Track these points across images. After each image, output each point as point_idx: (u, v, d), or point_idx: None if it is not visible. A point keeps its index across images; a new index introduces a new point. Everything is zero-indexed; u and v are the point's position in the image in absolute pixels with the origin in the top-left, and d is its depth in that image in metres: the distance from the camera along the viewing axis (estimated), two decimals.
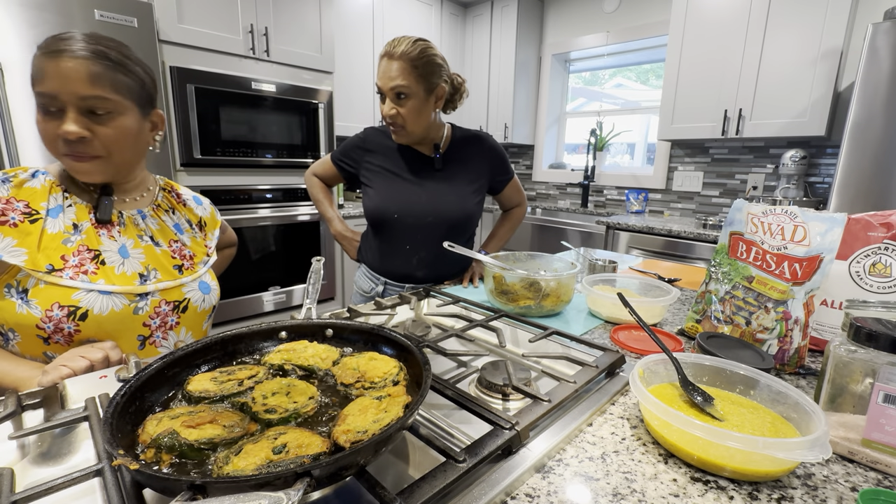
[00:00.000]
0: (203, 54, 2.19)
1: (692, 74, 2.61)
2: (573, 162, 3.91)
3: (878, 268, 0.72)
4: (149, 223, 0.84)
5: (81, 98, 0.68)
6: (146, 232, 0.83)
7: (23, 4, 1.65)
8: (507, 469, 0.47)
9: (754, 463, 0.46)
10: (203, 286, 0.88)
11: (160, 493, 0.38)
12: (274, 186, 2.54)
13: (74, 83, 0.67)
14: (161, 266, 0.82)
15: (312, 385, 0.55)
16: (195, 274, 0.87)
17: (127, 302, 0.75)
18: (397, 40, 1.06)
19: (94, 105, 0.69)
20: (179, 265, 0.85)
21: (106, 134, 0.72)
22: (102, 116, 0.71)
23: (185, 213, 0.93)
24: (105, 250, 0.76)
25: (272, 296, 2.63)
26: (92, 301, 0.72)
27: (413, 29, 3.36)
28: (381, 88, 1.09)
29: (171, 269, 0.83)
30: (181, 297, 0.83)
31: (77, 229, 0.74)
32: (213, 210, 1.01)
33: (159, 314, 0.80)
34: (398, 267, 1.25)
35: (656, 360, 0.62)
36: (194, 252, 0.90)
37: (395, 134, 1.16)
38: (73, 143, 0.69)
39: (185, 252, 0.88)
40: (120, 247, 0.77)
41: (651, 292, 1.04)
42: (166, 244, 0.85)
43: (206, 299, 0.88)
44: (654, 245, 2.57)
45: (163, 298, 0.80)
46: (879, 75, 1.84)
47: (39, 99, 0.68)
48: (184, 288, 0.84)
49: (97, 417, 0.51)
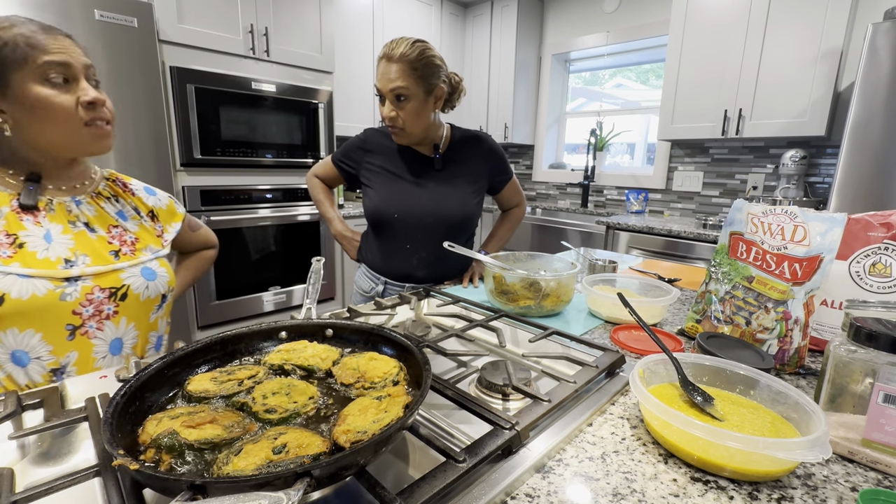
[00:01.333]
0: (203, 54, 2.19)
1: (692, 74, 2.61)
2: (573, 162, 3.91)
3: (878, 268, 0.72)
4: (84, 209, 0.81)
5: (86, 66, 0.72)
6: (80, 218, 0.79)
7: (23, 4, 1.65)
8: (507, 469, 0.47)
9: (754, 463, 0.46)
10: (146, 272, 0.83)
11: (160, 493, 0.38)
12: (274, 186, 2.54)
13: (79, 55, 0.71)
14: (93, 251, 0.78)
15: (312, 385, 0.55)
16: (135, 259, 0.82)
17: (52, 287, 0.71)
18: (396, 42, 1.06)
19: (93, 73, 0.74)
20: (116, 250, 0.81)
21: (107, 102, 0.76)
22: (98, 86, 0.75)
23: (132, 200, 0.90)
24: (28, 235, 0.73)
25: (272, 296, 2.63)
26: (9, 285, 0.68)
27: (413, 29, 3.36)
28: (381, 90, 1.09)
29: (106, 255, 0.79)
30: (118, 284, 0.78)
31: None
32: (173, 203, 0.98)
33: (92, 302, 0.75)
34: (398, 267, 1.25)
35: (656, 360, 0.62)
36: (139, 238, 0.86)
37: (395, 135, 1.16)
38: (97, 109, 0.72)
39: (127, 237, 0.84)
40: (45, 233, 0.74)
41: (651, 292, 1.04)
42: (104, 230, 0.81)
43: (151, 286, 0.83)
44: (654, 245, 2.57)
45: (96, 285, 0.76)
46: (879, 75, 1.84)
47: (50, 69, 0.68)
48: (121, 274, 0.79)
49: (97, 417, 0.51)
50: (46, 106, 0.69)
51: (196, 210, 2.26)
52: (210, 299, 2.39)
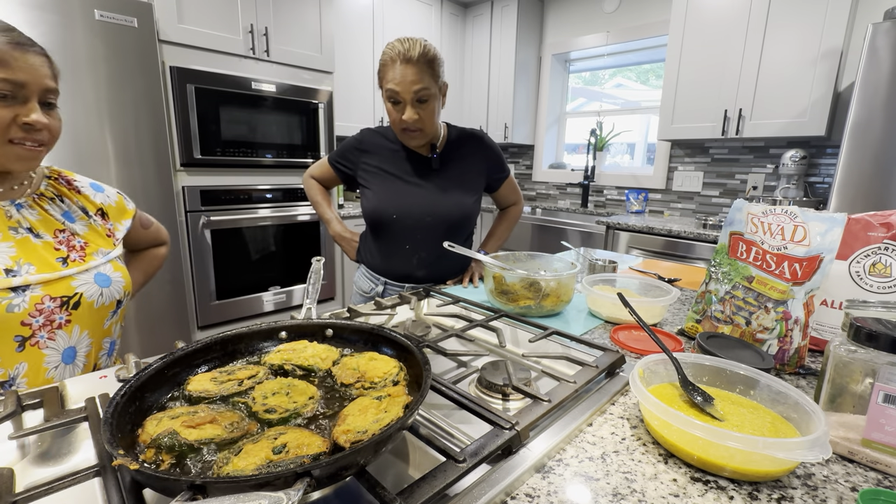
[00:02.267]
0: (203, 54, 2.19)
1: (692, 74, 2.61)
2: (573, 162, 3.91)
3: (878, 268, 0.72)
4: (25, 214, 0.77)
5: (46, 90, 0.72)
6: (22, 223, 0.76)
7: (23, 4, 1.65)
8: (507, 469, 0.47)
9: (754, 463, 0.46)
10: (100, 278, 0.79)
11: (160, 493, 0.38)
12: (274, 186, 2.54)
13: (42, 77, 0.71)
14: (38, 259, 0.74)
15: (312, 385, 0.55)
16: (84, 265, 0.79)
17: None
18: (409, 43, 1.03)
19: (50, 98, 0.73)
20: (64, 257, 0.77)
21: (54, 125, 0.75)
22: (51, 109, 0.75)
23: (78, 199, 0.86)
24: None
25: (272, 296, 2.63)
26: None
27: (413, 29, 3.36)
28: (400, 94, 1.05)
29: (53, 262, 0.75)
30: (70, 292, 0.75)
31: None
32: (122, 199, 0.94)
33: (42, 312, 0.72)
34: (398, 267, 1.25)
35: (656, 360, 0.62)
36: (88, 241, 0.82)
37: (412, 138, 1.14)
38: (33, 131, 0.71)
39: (75, 242, 0.80)
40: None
41: (651, 292, 1.04)
42: (50, 235, 0.78)
43: (106, 293, 0.80)
44: (654, 245, 2.57)
45: (46, 294, 0.73)
46: (879, 75, 1.84)
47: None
48: (73, 281, 0.76)
49: (97, 417, 0.51)
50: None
51: (196, 210, 2.26)
52: (210, 299, 2.39)
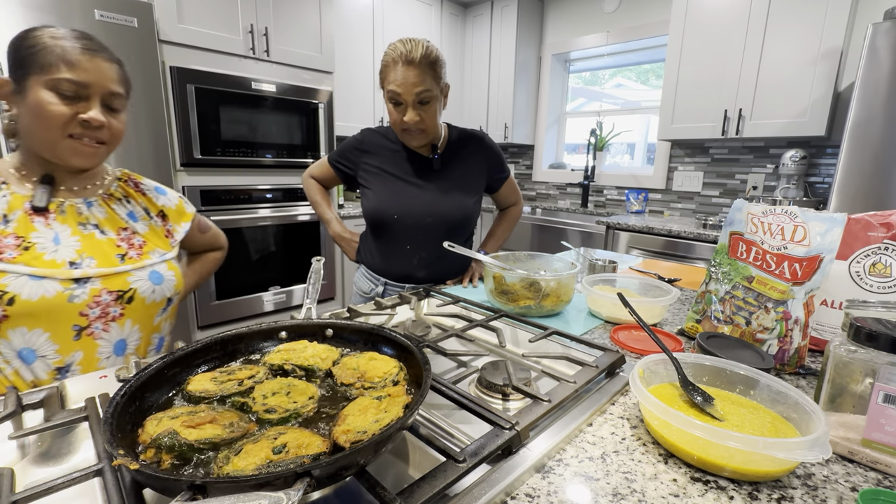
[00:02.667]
0: (203, 54, 2.19)
1: (692, 74, 2.61)
2: (573, 162, 3.91)
3: (878, 268, 0.72)
4: (94, 211, 0.83)
5: (109, 93, 0.77)
6: (90, 220, 0.82)
7: (23, 4, 1.65)
8: (507, 469, 0.47)
9: (754, 463, 0.46)
10: (154, 276, 0.84)
11: (160, 493, 0.38)
12: (274, 186, 2.54)
13: (107, 80, 0.76)
14: (100, 254, 0.79)
15: (312, 385, 0.55)
16: (140, 263, 0.83)
17: (60, 289, 0.73)
18: (411, 44, 1.03)
19: (113, 101, 0.78)
20: (123, 254, 0.82)
21: (116, 126, 0.80)
22: (114, 112, 0.80)
23: (142, 201, 0.92)
24: (37, 237, 0.75)
25: (272, 296, 2.63)
26: (20, 286, 0.70)
27: (413, 29, 3.36)
28: (402, 96, 1.05)
29: (112, 258, 0.80)
30: (126, 287, 0.80)
31: (6, 220, 0.74)
32: (182, 203, 1.00)
33: (99, 304, 0.77)
34: (398, 268, 1.25)
35: (656, 360, 0.62)
36: (147, 240, 0.88)
37: (413, 139, 1.14)
38: (91, 128, 0.76)
39: (135, 240, 0.85)
40: (54, 235, 0.77)
41: (651, 292, 1.04)
42: (113, 232, 0.83)
43: (158, 290, 0.84)
44: (654, 245, 2.57)
45: (104, 287, 0.78)
46: (879, 75, 1.84)
47: (62, 84, 0.72)
48: (129, 277, 0.81)
49: (97, 417, 0.51)
50: (40, 109, 0.72)
51: (196, 210, 2.26)
52: (210, 299, 2.39)
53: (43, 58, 0.72)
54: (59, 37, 0.73)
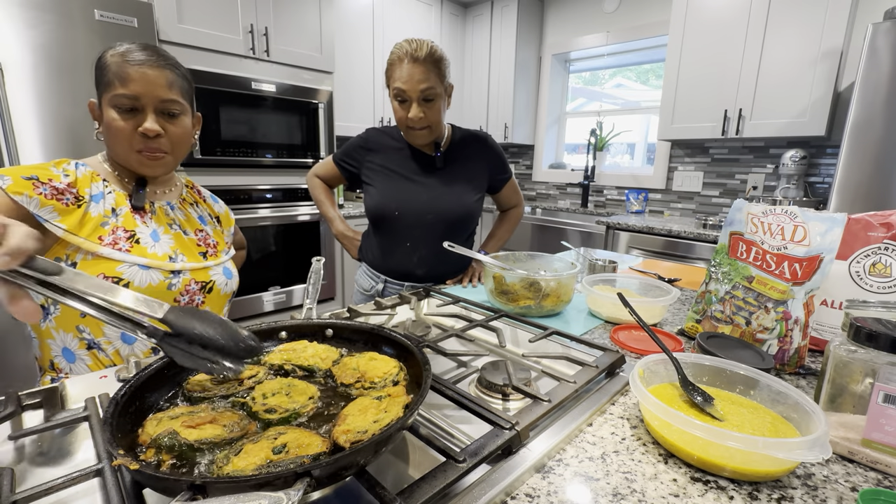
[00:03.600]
0: (203, 54, 2.19)
1: (692, 74, 2.61)
2: (573, 162, 3.91)
3: (878, 268, 0.72)
4: (177, 214, 0.92)
5: (161, 101, 0.80)
6: (175, 221, 0.91)
7: (23, 5, 1.64)
8: (507, 469, 0.47)
9: (754, 463, 0.46)
10: (226, 272, 0.95)
11: (160, 493, 0.38)
12: (274, 186, 2.54)
13: (157, 88, 0.79)
14: (188, 251, 0.89)
15: (312, 385, 0.55)
16: (218, 259, 0.94)
17: (162, 278, 0.82)
18: (417, 43, 1.06)
19: (169, 107, 0.81)
20: (204, 252, 0.92)
21: (175, 132, 0.83)
22: (172, 118, 0.82)
23: (205, 207, 1.02)
24: (140, 232, 0.83)
25: (272, 296, 2.62)
26: (133, 274, 0.78)
27: (413, 29, 3.36)
28: (407, 93, 1.08)
29: (197, 255, 0.90)
30: (208, 279, 0.89)
31: (115, 213, 0.82)
32: (227, 210, 1.10)
33: (189, 292, 0.86)
34: (398, 264, 1.25)
35: (656, 360, 0.62)
36: (217, 241, 0.98)
37: (418, 136, 1.16)
38: (150, 139, 0.80)
39: (210, 241, 0.96)
40: (151, 231, 0.85)
41: (651, 292, 1.04)
42: (193, 233, 0.93)
43: (229, 284, 0.95)
44: (654, 245, 2.57)
45: (192, 278, 0.87)
46: (879, 75, 1.84)
47: (118, 100, 0.77)
48: (210, 271, 0.91)
49: (97, 417, 0.51)
50: (109, 126, 0.79)
51: None
52: None
53: (105, 77, 0.77)
54: (118, 53, 0.78)
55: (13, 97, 1.65)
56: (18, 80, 1.66)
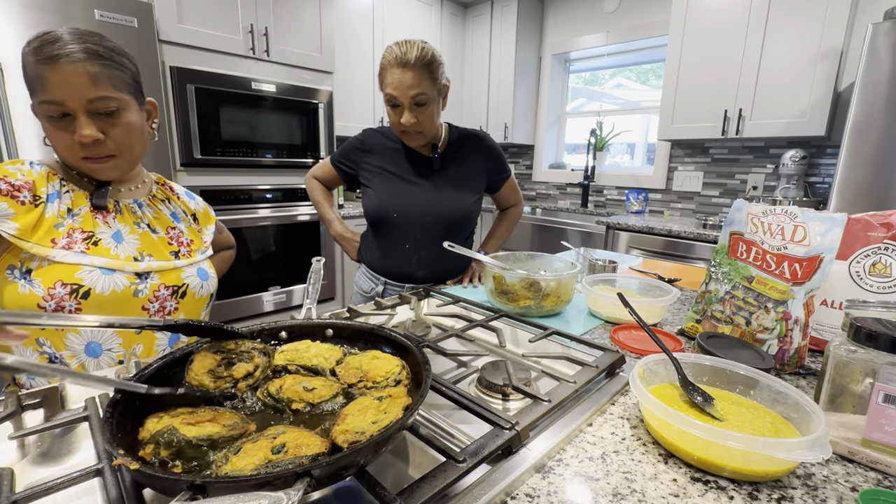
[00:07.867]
0: (203, 54, 2.19)
1: (692, 74, 2.61)
2: (573, 162, 3.91)
3: (878, 268, 0.72)
4: (145, 211, 0.85)
5: (88, 101, 0.69)
6: (143, 220, 0.84)
7: (23, 4, 1.65)
8: (507, 469, 0.47)
9: (754, 463, 0.46)
10: (201, 272, 0.88)
11: (160, 492, 0.38)
12: (274, 186, 2.54)
13: (79, 88, 0.67)
14: (156, 251, 0.82)
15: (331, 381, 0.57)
16: (191, 259, 0.87)
17: (128, 283, 0.76)
18: (406, 46, 1.03)
19: (100, 106, 0.70)
20: (176, 251, 0.86)
21: (117, 133, 0.74)
22: (109, 116, 0.72)
23: (179, 204, 0.95)
24: (101, 233, 0.77)
25: (272, 296, 2.62)
26: (94, 280, 0.72)
27: (413, 29, 3.36)
28: (398, 98, 1.06)
29: (167, 255, 0.84)
30: (180, 283, 0.83)
31: (71, 213, 0.75)
32: (207, 207, 1.02)
33: (158, 298, 0.80)
34: (398, 266, 1.25)
35: (656, 360, 0.62)
36: (192, 239, 0.91)
37: (412, 139, 1.15)
38: (89, 146, 0.71)
39: (183, 239, 0.89)
40: (115, 232, 0.78)
41: (651, 292, 1.04)
42: (164, 231, 0.86)
43: (204, 286, 0.88)
44: (654, 245, 2.56)
45: (161, 283, 0.80)
46: (879, 75, 1.84)
47: (44, 108, 0.68)
48: (182, 273, 0.84)
49: (97, 417, 0.51)
50: (50, 136, 0.71)
51: None
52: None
53: (26, 79, 0.68)
54: (31, 49, 0.67)
55: (13, 97, 1.65)
56: (18, 79, 1.66)
